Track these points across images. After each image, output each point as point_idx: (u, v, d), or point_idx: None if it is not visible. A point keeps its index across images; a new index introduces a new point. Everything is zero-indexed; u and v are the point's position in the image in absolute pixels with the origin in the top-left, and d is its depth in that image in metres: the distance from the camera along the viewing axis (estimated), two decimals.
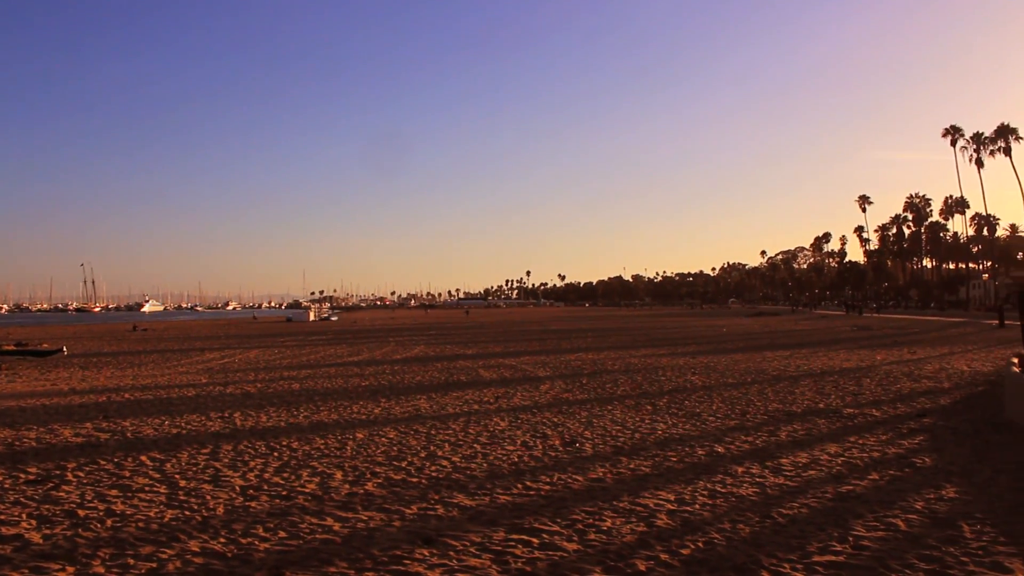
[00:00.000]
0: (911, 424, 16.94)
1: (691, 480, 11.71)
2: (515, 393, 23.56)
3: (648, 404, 20.63)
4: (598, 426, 17.13)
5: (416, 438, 15.83)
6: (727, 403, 20.59)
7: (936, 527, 9.11)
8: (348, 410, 20.23)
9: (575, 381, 26.77)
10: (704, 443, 14.93)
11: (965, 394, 22.04)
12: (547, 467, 12.88)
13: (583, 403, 21.13)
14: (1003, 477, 11.77)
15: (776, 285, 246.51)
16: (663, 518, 9.61)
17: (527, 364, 34.42)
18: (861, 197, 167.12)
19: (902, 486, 11.25)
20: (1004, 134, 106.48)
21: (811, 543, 8.56)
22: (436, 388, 25.19)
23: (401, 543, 8.68)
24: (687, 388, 24.19)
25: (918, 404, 20.01)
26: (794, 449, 14.22)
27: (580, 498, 10.68)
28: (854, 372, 28.39)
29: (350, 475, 12.34)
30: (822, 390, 23.08)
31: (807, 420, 17.66)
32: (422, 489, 11.32)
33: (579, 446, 14.79)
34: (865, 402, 20.50)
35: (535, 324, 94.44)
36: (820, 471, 12.34)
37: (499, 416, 18.82)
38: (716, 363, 33.21)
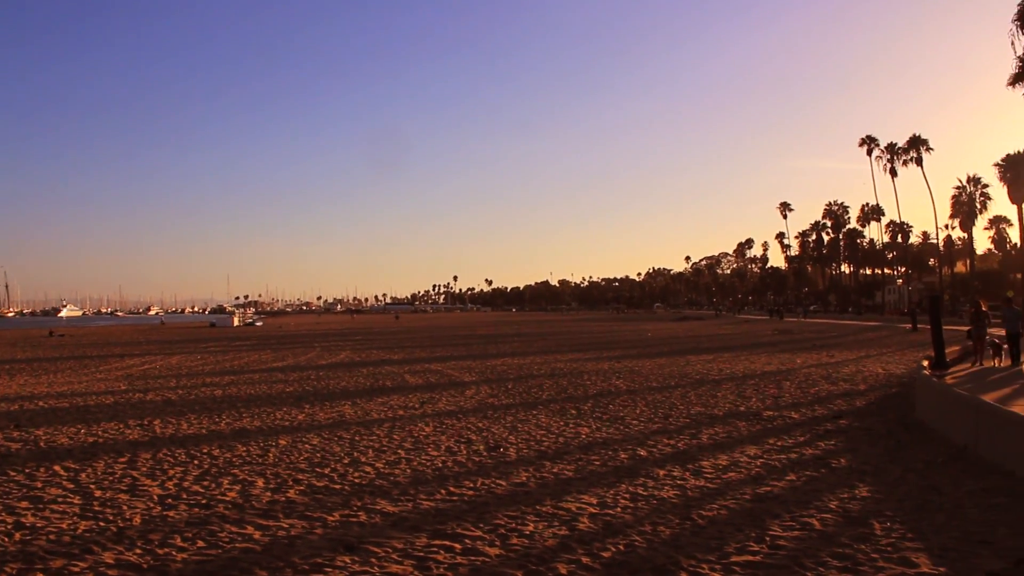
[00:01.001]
0: (828, 426, 17.35)
1: (613, 483, 11.83)
2: (440, 398, 23.52)
3: (573, 408, 20.78)
4: (523, 431, 17.20)
5: (340, 444, 15.72)
6: (651, 407, 20.84)
7: (849, 525, 9.35)
8: (271, 416, 19.99)
9: (501, 386, 26.83)
10: (627, 446, 15.09)
11: (879, 396, 22.65)
12: (471, 472, 12.90)
13: (508, 408, 21.19)
14: (912, 475, 12.16)
15: (700, 290, 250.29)
16: (585, 521, 9.68)
17: (453, 369, 34.39)
18: (782, 204, 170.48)
19: (818, 486, 11.52)
20: (916, 145, 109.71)
21: (729, 544, 8.71)
22: (361, 394, 25.03)
23: (322, 551, 8.60)
24: (612, 392, 24.41)
25: (835, 406, 20.51)
26: (715, 451, 14.46)
27: (503, 503, 10.71)
28: (775, 375, 28.96)
29: (272, 482, 12.19)
30: (743, 393, 23.50)
31: (728, 423, 17.97)
32: (345, 496, 11.24)
33: (503, 451, 14.84)
34: (785, 405, 20.93)
35: (462, 329, 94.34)
36: (739, 473, 12.58)
37: (424, 421, 18.77)
38: (640, 367, 33.57)
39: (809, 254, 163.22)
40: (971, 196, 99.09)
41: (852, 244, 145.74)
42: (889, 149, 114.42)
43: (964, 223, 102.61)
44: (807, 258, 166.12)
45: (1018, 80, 42.30)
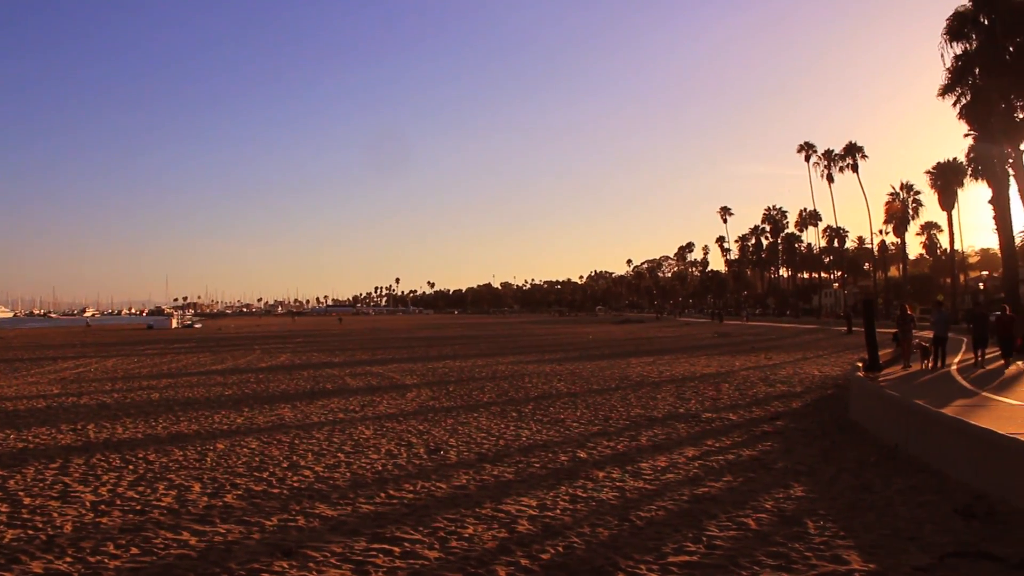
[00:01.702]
0: (765, 427, 17.64)
1: (553, 486, 11.90)
2: (381, 401, 23.42)
3: (513, 411, 20.84)
4: (463, 433, 17.21)
5: (279, 448, 15.57)
6: (591, 409, 20.97)
7: (784, 525, 9.53)
8: (209, 420, 19.73)
9: (442, 389, 26.79)
10: (567, 449, 15.18)
11: (815, 397, 23.08)
12: (411, 475, 12.87)
13: (449, 411, 21.18)
14: (845, 475, 12.43)
15: (642, 293, 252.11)
16: (525, 524, 9.73)
17: (394, 372, 34.25)
18: (723, 208, 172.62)
19: (754, 487, 11.72)
20: (852, 152, 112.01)
21: (667, 544, 8.81)
22: (301, 397, 24.81)
23: (260, 556, 8.52)
24: (552, 395, 24.53)
25: (772, 408, 20.86)
26: (654, 453, 14.62)
27: (443, 506, 10.71)
28: (714, 377, 29.33)
29: (209, 487, 12.04)
30: (683, 395, 23.76)
31: (667, 425, 18.17)
32: (283, 500, 11.15)
33: (444, 454, 14.83)
34: (723, 407, 21.22)
35: (404, 332, 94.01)
36: (678, 474, 12.74)
37: (364, 425, 18.67)
38: (581, 370, 33.77)
39: (748, 258, 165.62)
40: (904, 203, 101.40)
41: (790, 248, 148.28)
42: (826, 156, 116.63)
43: (897, 229, 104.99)
44: (746, 262, 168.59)
45: (948, 91, 43.37)
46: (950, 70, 42.85)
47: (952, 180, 71.41)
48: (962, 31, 41.79)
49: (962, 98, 43.26)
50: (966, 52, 42.07)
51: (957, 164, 67.99)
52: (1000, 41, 40.61)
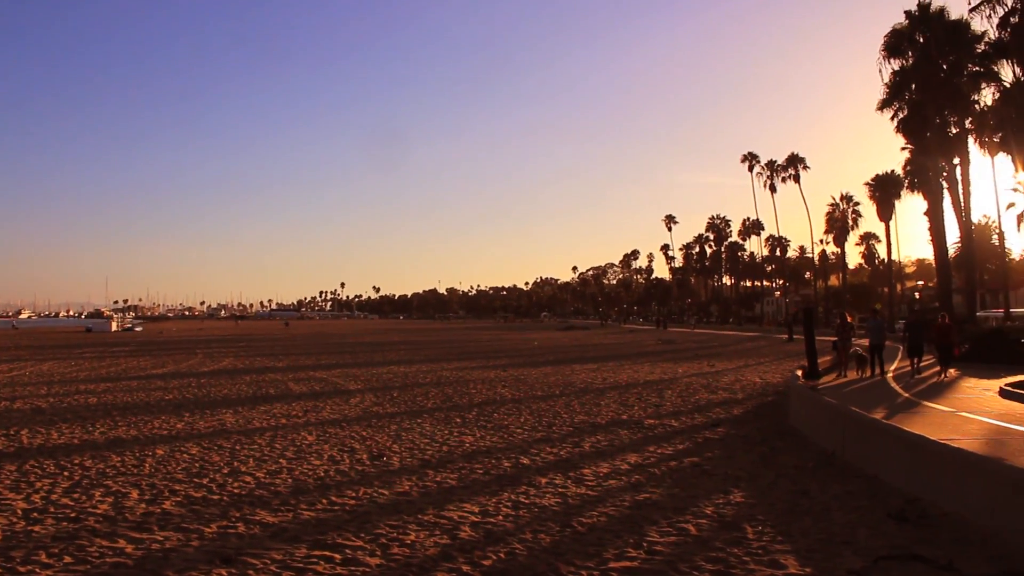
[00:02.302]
0: (706, 433, 17.86)
1: (496, 492, 11.93)
2: (324, 407, 23.26)
3: (457, 417, 20.83)
4: (407, 439, 17.16)
5: (220, 454, 15.40)
6: (535, 415, 21.04)
7: (723, 530, 9.67)
8: (148, 425, 19.42)
9: (386, 394, 26.69)
10: (510, 455, 15.22)
11: (756, 404, 23.42)
12: (353, 481, 12.82)
13: (393, 416, 21.11)
14: (783, 480, 12.64)
15: (587, 300, 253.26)
16: (467, 530, 9.74)
17: (338, 377, 34.03)
18: (667, 217, 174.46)
19: (695, 492, 11.86)
20: (794, 162, 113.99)
21: (608, 550, 8.88)
22: (243, 402, 24.55)
23: (198, 563, 8.41)
24: (496, 401, 24.57)
25: (714, 414, 21.12)
26: (596, 459, 14.71)
27: (385, 512, 10.68)
28: (657, 384, 29.59)
29: (147, 493, 11.86)
30: (626, 402, 23.95)
31: (610, 431, 18.29)
32: (223, 506, 11.03)
33: (386, 460, 14.78)
34: (666, 413, 21.43)
35: (348, 336, 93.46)
36: (620, 480, 12.84)
37: (307, 430, 18.54)
38: (526, 376, 33.86)
39: (692, 266, 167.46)
40: (844, 213, 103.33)
41: (733, 257, 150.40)
42: (769, 166, 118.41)
43: (837, 239, 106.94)
44: (691, 270, 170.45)
45: (886, 105, 44.33)
46: (888, 85, 43.81)
47: (890, 192, 72.93)
48: (899, 48, 42.75)
49: (899, 112, 44.25)
50: (903, 68, 43.04)
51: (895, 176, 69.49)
52: (935, 58, 41.64)
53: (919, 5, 42.30)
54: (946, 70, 41.82)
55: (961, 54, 41.16)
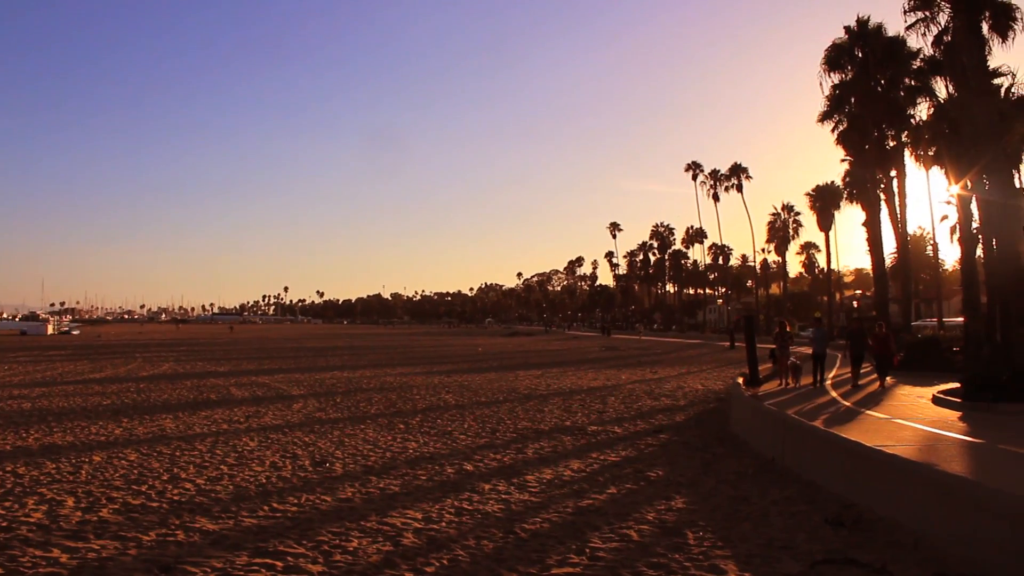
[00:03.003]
0: (649, 440, 18.03)
1: (439, 498, 11.92)
2: (267, 412, 23.04)
3: (401, 423, 20.77)
4: (350, 445, 17.08)
5: (159, 460, 15.16)
6: (478, 421, 21.06)
7: (665, 536, 9.79)
8: (85, 431, 19.04)
9: (329, 400, 26.50)
10: (454, 461, 15.22)
11: (698, 411, 23.69)
12: (295, 488, 12.72)
13: (336, 422, 20.98)
14: (724, 486, 12.83)
15: (531, 306, 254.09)
16: (410, 537, 9.72)
17: (281, 382, 33.71)
18: (612, 224, 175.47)
19: (637, 498, 11.99)
20: (737, 172, 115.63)
21: (551, 556, 8.94)
22: (184, 407, 24.20)
23: (136, 573, 8.29)
24: (440, 407, 24.54)
25: (656, 421, 21.32)
26: (540, 466, 14.78)
27: (327, 519, 10.62)
28: (600, 391, 29.78)
29: (83, 501, 11.63)
30: (569, 408, 24.07)
31: (554, 437, 18.38)
32: (162, 514, 10.86)
33: (329, 466, 14.70)
34: (608, 420, 21.58)
35: (292, 341, 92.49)
36: (563, 486, 12.92)
37: (249, 436, 18.34)
38: (470, 382, 33.85)
39: (636, 273, 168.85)
40: (785, 223, 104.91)
41: (677, 265, 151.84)
42: (712, 175, 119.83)
43: (779, 248, 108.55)
44: (634, 277, 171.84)
45: (826, 117, 45.14)
46: (828, 98, 44.58)
47: (829, 203, 74.07)
48: (839, 62, 43.57)
49: (839, 125, 45.07)
50: (843, 82, 43.84)
51: (834, 187, 70.55)
52: (873, 73, 42.53)
53: (858, 21, 43.21)
54: (884, 85, 42.77)
55: (898, 69, 42.13)
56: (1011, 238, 21.84)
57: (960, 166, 27.56)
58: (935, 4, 27.17)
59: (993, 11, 24.10)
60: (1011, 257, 21.50)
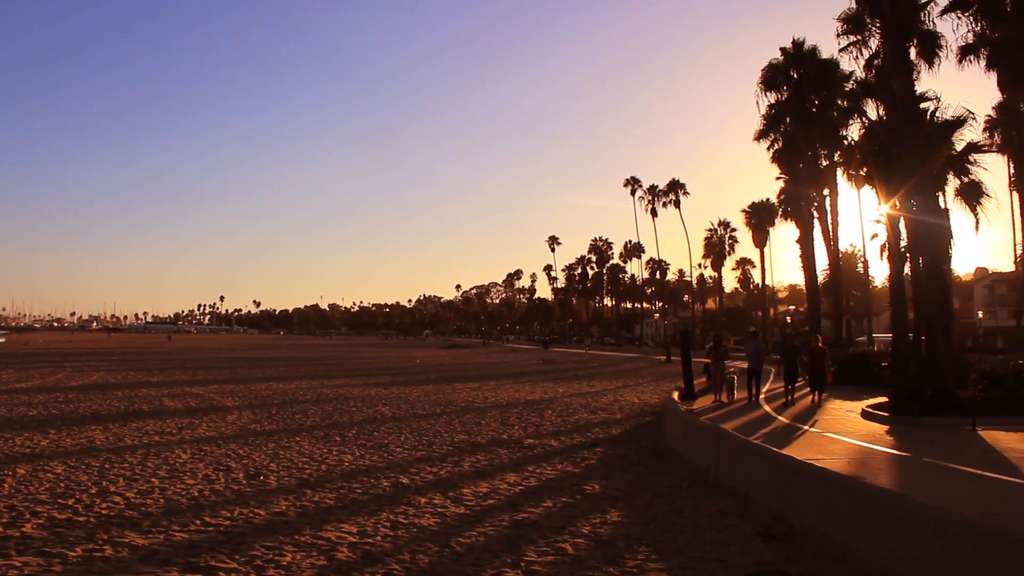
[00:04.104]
0: (585, 453, 18.11)
1: (375, 512, 11.85)
2: (200, 424, 22.67)
3: (337, 435, 20.60)
4: (284, 458, 16.88)
5: (87, 473, 14.81)
6: (415, 434, 20.98)
7: (599, 549, 9.85)
8: (10, 443, 18.50)
9: (264, 411, 26.19)
10: (390, 474, 15.14)
11: (634, 424, 23.86)
12: (228, 501, 12.53)
13: (271, 434, 20.74)
14: (658, 500, 12.94)
15: (470, 318, 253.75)
16: (344, 551, 9.64)
17: (215, 393, 33.21)
18: (551, 237, 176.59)
19: (573, 512, 12.03)
20: (675, 188, 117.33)
21: (485, 570, 8.94)
22: (114, 418, 23.68)
23: None
24: (377, 419, 24.39)
25: (592, 434, 21.43)
26: (476, 479, 14.77)
27: (261, 533, 10.48)
28: (537, 404, 29.86)
29: (5, 516, 11.29)
30: (506, 421, 24.10)
31: (490, 451, 18.38)
32: (89, 529, 10.62)
33: (263, 479, 14.51)
34: (545, 433, 21.65)
35: (227, 351, 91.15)
36: (499, 500, 12.92)
37: (181, 448, 18.02)
38: (407, 394, 33.71)
39: (575, 287, 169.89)
40: (721, 238, 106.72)
41: (615, 279, 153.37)
42: (651, 191, 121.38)
43: (715, 263, 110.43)
44: (573, 291, 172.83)
45: (762, 136, 46.14)
46: (765, 117, 45.58)
47: (765, 219, 75.37)
48: (775, 82, 44.56)
49: (775, 143, 46.12)
50: (778, 101, 44.86)
51: (770, 204, 71.82)
52: (807, 93, 43.56)
53: (794, 43, 44.23)
54: (818, 105, 43.78)
55: (831, 91, 43.17)
56: (936, 257, 22.49)
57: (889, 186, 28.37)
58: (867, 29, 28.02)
59: (920, 38, 24.92)
60: (936, 275, 22.12)
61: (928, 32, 25.12)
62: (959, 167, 32.53)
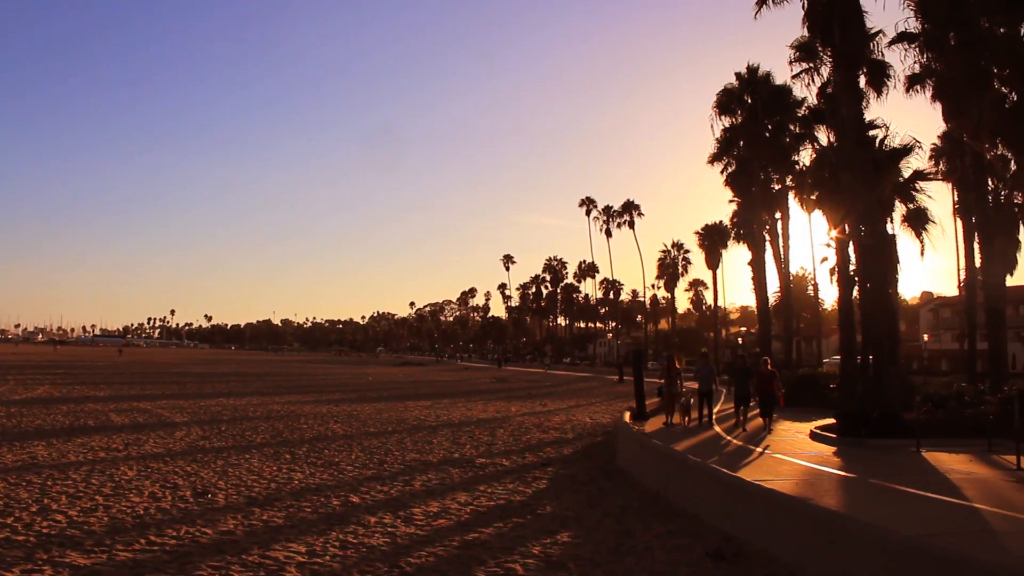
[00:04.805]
0: (537, 473, 18.11)
1: (324, 531, 11.73)
2: (147, 440, 22.31)
3: (287, 453, 20.39)
4: (233, 475, 16.67)
5: (28, 490, 14.48)
6: (366, 452, 20.84)
7: (550, 570, 9.85)
8: None
9: (214, 428, 25.85)
10: (340, 493, 15.01)
11: (585, 444, 23.93)
12: (175, 520, 12.32)
13: (220, 451, 20.48)
14: (609, 520, 12.97)
15: (423, 336, 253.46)
16: (292, 571, 9.54)
17: (164, 408, 32.73)
18: (506, 256, 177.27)
19: (523, 532, 12.02)
20: (629, 209, 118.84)
21: None
22: (58, 433, 23.20)
23: None
24: (328, 437, 24.20)
25: (544, 454, 21.45)
26: (427, 498, 14.69)
27: (207, 552, 10.33)
28: (489, 423, 29.82)
29: None
30: (458, 440, 24.02)
31: (442, 470, 18.30)
32: (29, 548, 10.37)
33: (211, 497, 14.31)
34: (497, 452, 21.62)
35: (177, 366, 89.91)
36: (449, 519, 12.86)
37: (127, 465, 17.71)
38: (359, 412, 33.49)
39: (529, 306, 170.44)
40: (675, 260, 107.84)
41: (569, 298, 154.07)
42: (606, 211, 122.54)
43: (668, 284, 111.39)
44: (527, 309, 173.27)
45: (716, 159, 46.71)
46: (719, 140, 46.14)
47: (717, 241, 76.17)
48: (729, 106, 45.12)
49: (728, 167, 46.64)
50: (732, 125, 45.42)
51: (723, 227, 72.60)
52: (761, 118, 44.18)
53: (748, 69, 44.84)
54: (771, 130, 44.42)
55: (784, 116, 43.84)
56: (882, 282, 22.91)
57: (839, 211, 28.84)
58: (819, 57, 28.61)
59: (870, 67, 25.50)
60: (883, 299, 22.53)
61: (877, 62, 25.70)
62: (906, 194, 33.36)
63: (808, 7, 23.36)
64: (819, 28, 23.46)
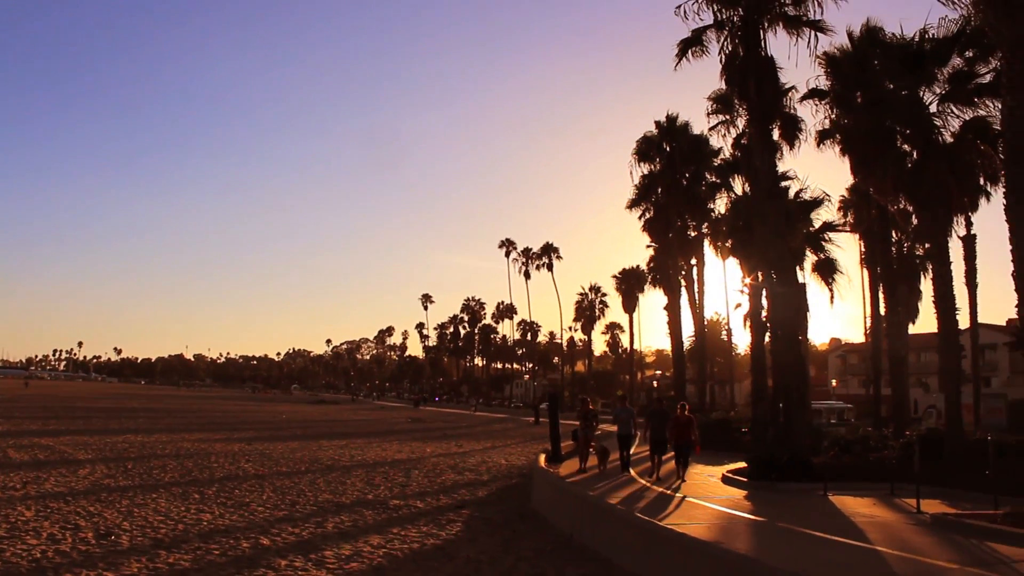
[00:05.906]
0: (451, 515, 18.00)
1: (232, 575, 11.47)
2: (48, 477, 21.55)
3: (196, 492, 19.91)
4: (139, 516, 16.20)
5: None
6: (278, 492, 20.47)
7: None
8: None
9: (120, 466, 25.10)
10: (250, 535, 14.69)
11: (501, 486, 23.89)
12: (75, 563, 11.90)
13: (126, 490, 19.89)
14: (523, 564, 12.94)
15: (339, 374, 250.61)
16: None
17: (67, 445, 31.66)
18: (424, 295, 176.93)
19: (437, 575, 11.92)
20: (548, 251, 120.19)
21: None
22: None
23: None
24: (239, 476, 23.71)
25: (459, 495, 21.35)
26: (339, 541, 14.48)
27: None
28: (405, 463, 29.57)
29: None
30: (372, 481, 23.77)
31: (355, 511, 18.07)
32: None
33: (115, 539, 13.87)
34: (411, 494, 21.44)
35: (83, 400, 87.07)
36: (362, 563, 12.69)
37: (25, 504, 17.06)
38: (272, 450, 32.91)
39: (446, 346, 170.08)
40: (592, 303, 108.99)
41: (486, 339, 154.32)
42: (525, 253, 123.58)
43: (585, 326, 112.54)
44: (444, 349, 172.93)
45: (635, 204, 47.52)
46: (637, 187, 46.96)
47: (634, 285, 77.28)
48: (649, 153, 46.05)
49: (646, 212, 47.47)
50: (651, 172, 46.33)
51: (640, 271, 73.65)
52: (679, 166, 45.27)
53: (667, 117, 45.92)
54: (688, 178, 45.52)
55: (701, 165, 45.01)
56: (793, 328, 23.53)
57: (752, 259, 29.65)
58: (735, 110, 29.50)
59: (783, 121, 26.38)
60: (793, 345, 23.12)
61: (790, 116, 26.58)
62: (816, 244, 34.56)
63: (726, 62, 24.08)
64: (736, 82, 24.19)
